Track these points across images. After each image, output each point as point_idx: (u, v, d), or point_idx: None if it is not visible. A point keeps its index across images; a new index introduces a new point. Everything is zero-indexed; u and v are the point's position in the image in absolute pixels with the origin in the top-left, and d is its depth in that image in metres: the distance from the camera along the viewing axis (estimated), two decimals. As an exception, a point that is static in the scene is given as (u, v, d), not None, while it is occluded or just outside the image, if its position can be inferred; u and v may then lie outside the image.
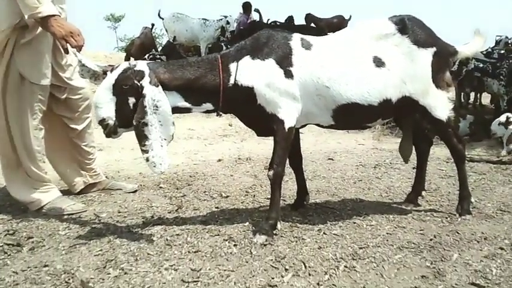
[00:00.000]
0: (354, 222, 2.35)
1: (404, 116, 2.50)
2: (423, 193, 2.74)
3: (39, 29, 2.28)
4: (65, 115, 2.68)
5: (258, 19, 9.42)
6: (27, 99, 2.38)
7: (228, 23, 8.62)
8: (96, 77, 2.03)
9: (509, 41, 8.05)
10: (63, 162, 2.79)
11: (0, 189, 3.00)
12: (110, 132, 1.98)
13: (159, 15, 9.00)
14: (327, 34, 9.67)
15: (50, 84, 2.46)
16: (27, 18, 2.15)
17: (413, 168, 3.44)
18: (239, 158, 4.18)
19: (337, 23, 10.81)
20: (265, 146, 4.43)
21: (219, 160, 4.13)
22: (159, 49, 9.46)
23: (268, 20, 9.46)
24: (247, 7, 9.49)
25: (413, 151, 2.65)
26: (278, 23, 8.99)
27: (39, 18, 2.15)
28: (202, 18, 8.77)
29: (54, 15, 2.16)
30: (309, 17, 10.85)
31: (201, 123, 5.91)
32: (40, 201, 2.49)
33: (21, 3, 2.13)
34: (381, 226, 2.31)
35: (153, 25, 9.32)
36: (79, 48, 2.19)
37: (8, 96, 2.34)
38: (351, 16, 11.12)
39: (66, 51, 2.23)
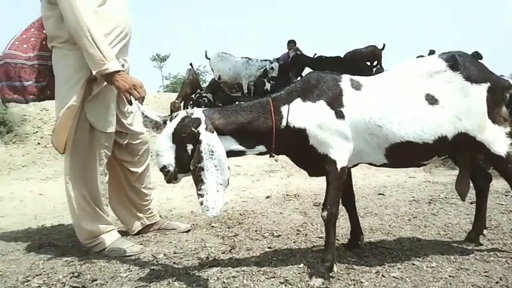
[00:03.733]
0: (413, 264, 2.28)
1: (460, 153, 2.44)
2: (484, 231, 2.62)
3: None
4: (125, 159, 2.82)
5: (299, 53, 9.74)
6: (95, 147, 2.53)
7: (272, 68, 8.83)
8: (158, 126, 2.15)
9: None
10: (122, 205, 2.91)
11: (62, 231, 3.18)
12: (171, 178, 2.06)
13: (206, 55, 9.42)
14: (362, 63, 9.76)
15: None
16: (94, 74, 2.31)
17: (471, 203, 3.32)
18: (287, 195, 4.19)
19: (370, 53, 10.76)
20: (313, 181, 4.41)
21: (268, 197, 4.16)
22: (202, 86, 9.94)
23: (315, 54, 9.70)
24: (288, 44, 10.00)
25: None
26: (323, 57, 9.18)
27: (106, 75, 2.31)
28: (246, 57, 9.06)
29: (119, 71, 2.32)
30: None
31: (247, 159, 5.99)
32: (103, 243, 2.59)
33: (88, 60, 2.30)
34: (442, 268, 2.22)
35: (191, 64, 9.77)
36: (142, 99, 2.33)
37: (79, 145, 2.50)
38: (384, 45, 10.95)
39: (130, 103, 2.37)
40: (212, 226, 3.18)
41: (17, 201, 4.29)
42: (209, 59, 9.46)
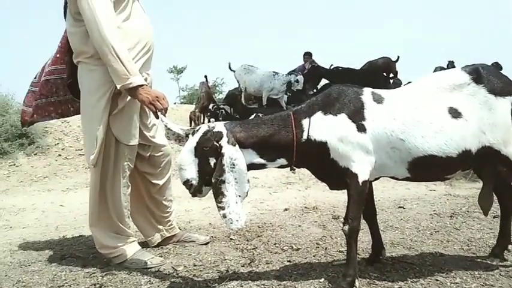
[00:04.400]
0: (437, 280, 2.23)
1: (485, 166, 2.40)
2: (509, 246, 2.56)
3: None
4: (147, 171, 2.85)
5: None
6: (119, 159, 2.57)
7: (297, 81, 8.89)
8: (180, 139, 2.18)
9: None
10: (142, 217, 2.93)
11: (83, 242, 3.21)
12: (195, 191, 2.09)
13: (229, 67, 9.54)
14: (379, 75, 9.71)
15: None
16: (119, 88, 2.36)
17: (494, 217, 3.26)
18: (305, 207, 4.17)
19: (385, 64, 10.66)
20: (331, 194, 4.37)
21: (286, 209, 4.14)
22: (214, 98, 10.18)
23: (331, 65, 9.73)
24: (304, 56, 10.05)
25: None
26: (340, 68, 9.21)
27: (129, 89, 2.35)
28: (273, 71, 9.15)
29: (142, 85, 2.36)
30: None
31: (265, 171, 5.97)
32: (124, 255, 2.61)
33: (113, 75, 2.35)
34: (467, 284, 2.17)
35: (205, 77, 10.02)
36: (165, 110, 2.37)
37: (103, 157, 2.53)
38: (398, 57, 10.70)
39: (156, 116, 2.40)
40: (231, 239, 3.17)
41: (38, 213, 4.36)
42: (234, 71, 9.56)
